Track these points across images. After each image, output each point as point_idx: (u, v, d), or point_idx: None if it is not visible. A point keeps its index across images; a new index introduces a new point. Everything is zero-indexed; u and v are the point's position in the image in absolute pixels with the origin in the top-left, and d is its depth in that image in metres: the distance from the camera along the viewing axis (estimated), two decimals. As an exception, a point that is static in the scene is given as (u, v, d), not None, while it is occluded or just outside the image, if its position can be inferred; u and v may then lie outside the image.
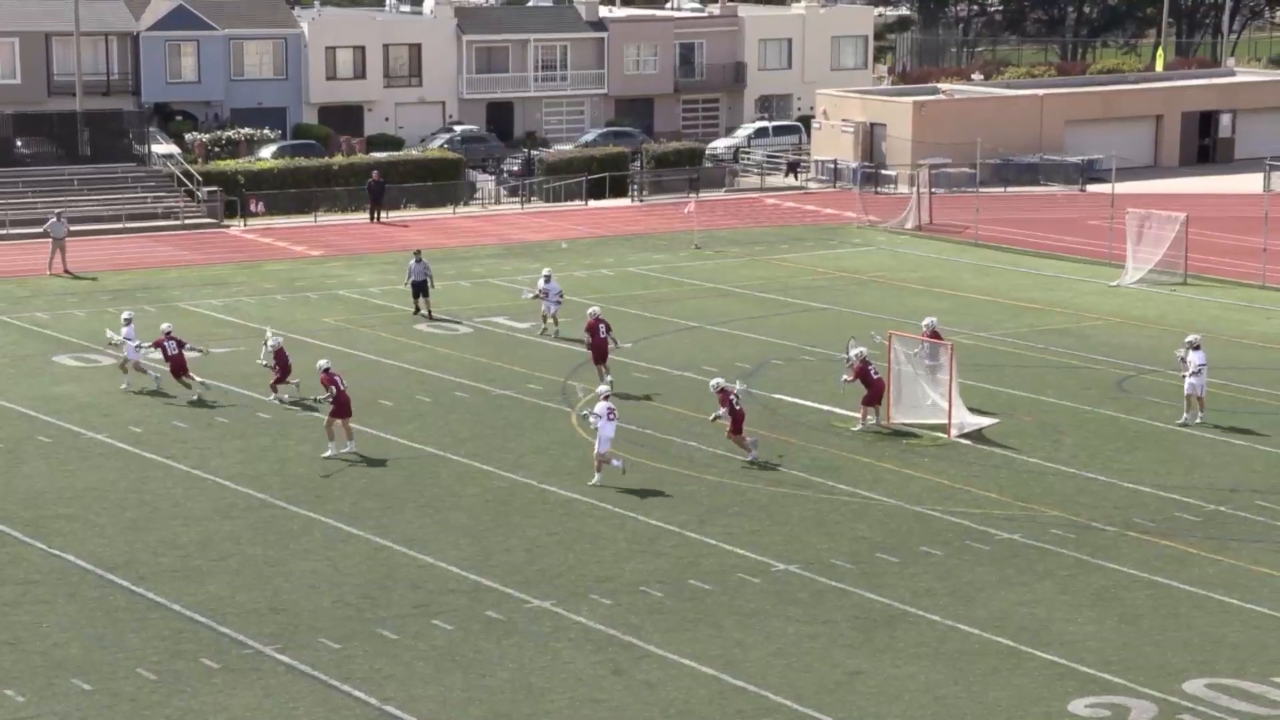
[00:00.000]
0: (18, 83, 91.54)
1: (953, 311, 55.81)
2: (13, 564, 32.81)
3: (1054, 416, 43.45)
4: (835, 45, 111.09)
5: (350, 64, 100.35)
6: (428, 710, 26.50)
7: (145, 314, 55.76)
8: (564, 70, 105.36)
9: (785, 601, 31.12)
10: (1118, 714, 26.55)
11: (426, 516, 35.65)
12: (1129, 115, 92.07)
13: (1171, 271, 61.39)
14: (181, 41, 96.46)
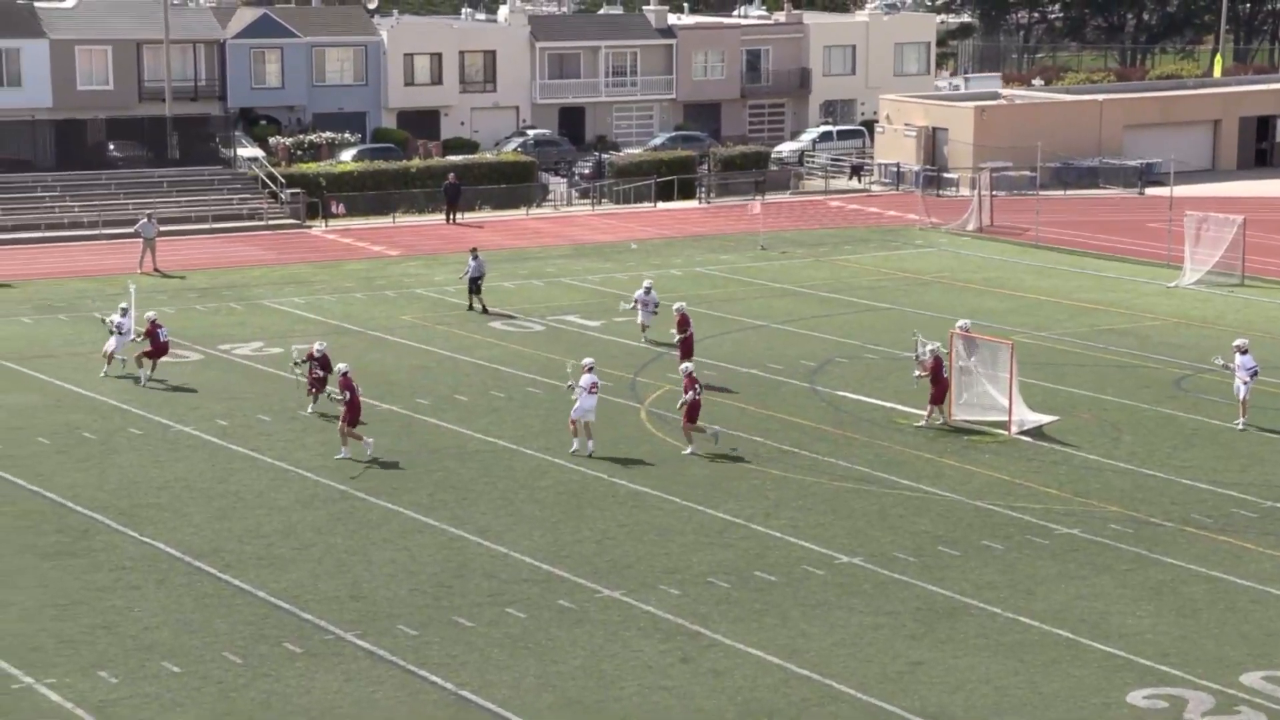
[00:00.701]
0: (110, 89, 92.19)
1: (1013, 312, 55.66)
2: (106, 551, 33.09)
3: (1113, 414, 43.26)
4: (898, 51, 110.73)
5: (427, 70, 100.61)
6: (501, 695, 26.59)
7: (232, 311, 56.20)
8: (634, 76, 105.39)
9: (849, 593, 31.09)
10: (1175, 705, 26.42)
11: (500, 508, 35.76)
12: (1187, 120, 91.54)
13: (1229, 273, 61.05)
14: (266, 49, 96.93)
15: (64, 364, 48.47)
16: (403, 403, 44.08)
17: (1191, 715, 26.07)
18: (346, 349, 50.19)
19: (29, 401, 44.36)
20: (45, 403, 44.24)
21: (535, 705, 26.27)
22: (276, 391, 44.94)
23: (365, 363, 48.35)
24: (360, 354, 49.63)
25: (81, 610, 30.07)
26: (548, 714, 25.96)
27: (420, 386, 45.89)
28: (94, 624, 29.42)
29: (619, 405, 43.63)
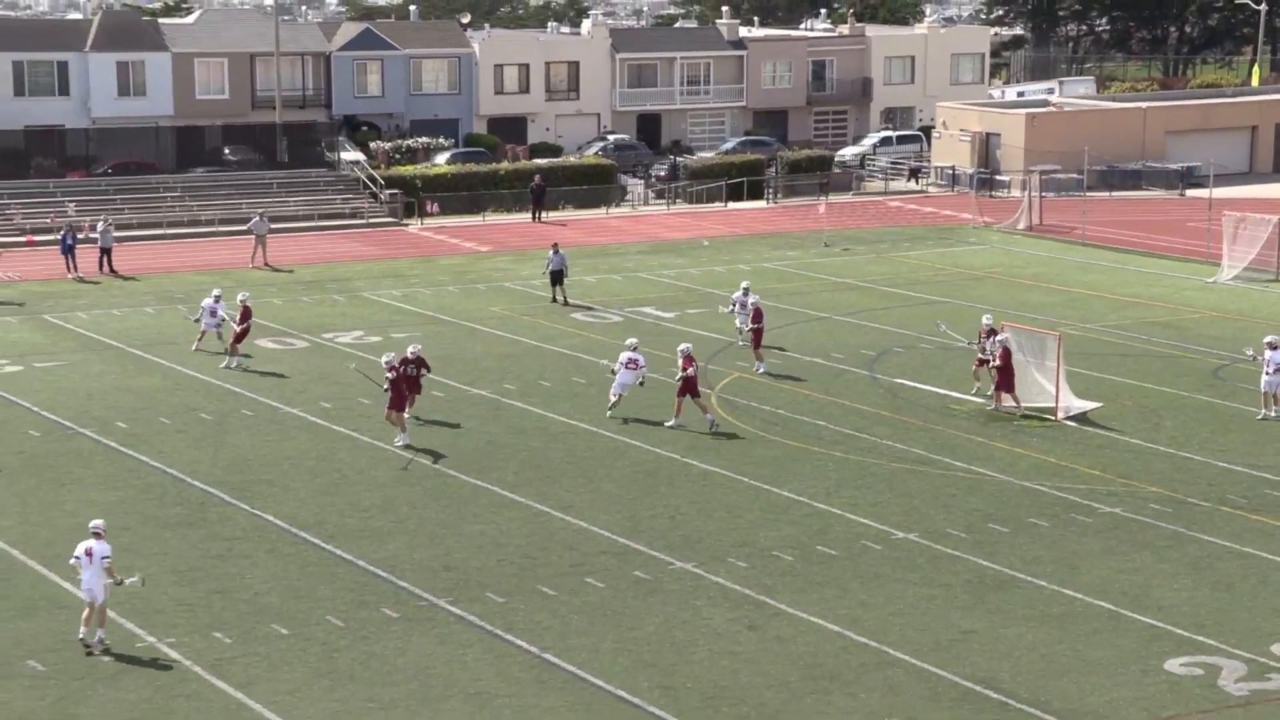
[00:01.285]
0: (226, 97, 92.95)
1: (1061, 305, 55.39)
2: (220, 523, 33.41)
3: (1153, 401, 42.99)
4: (954, 62, 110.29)
5: (516, 80, 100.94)
6: (581, 659, 26.70)
7: (335, 303, 56.55)
8: (707, 85, 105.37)
9: (905, 566, 31.05)
10: (1210, 673, 26.28)
11: (581, 486, 35.87)
12: (1226, 126, 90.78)
13: (1264, 269, 60.60)
14: (368, 60, 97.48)
15: (183, 351, 48.90)
16: (491, 388, 44.27)
17: (1225, 682, 25.93)
18: (440, 338, 50.52)
19: (152, 385, 44.81)
20: (166, 386, 44.68)
21: (612, 668, 26.38)
22: (376, 377, 45.14)
23: (458, 351, 48.65)
24: (453, 343, 49.91)
25: (199, 576, 30.39)
26: (623, 676, 26.05)
27: (508, 373, 46.07)
28: (210, 589, 29.72)
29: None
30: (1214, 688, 25.75)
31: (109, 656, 26.51)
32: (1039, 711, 24.90)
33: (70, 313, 54.78)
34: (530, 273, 62.03)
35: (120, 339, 50.63)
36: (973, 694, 25.50)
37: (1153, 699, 25.34)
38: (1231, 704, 25.21)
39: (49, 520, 33.55)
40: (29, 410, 42.07)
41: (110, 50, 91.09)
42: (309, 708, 24.95)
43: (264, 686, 25.64)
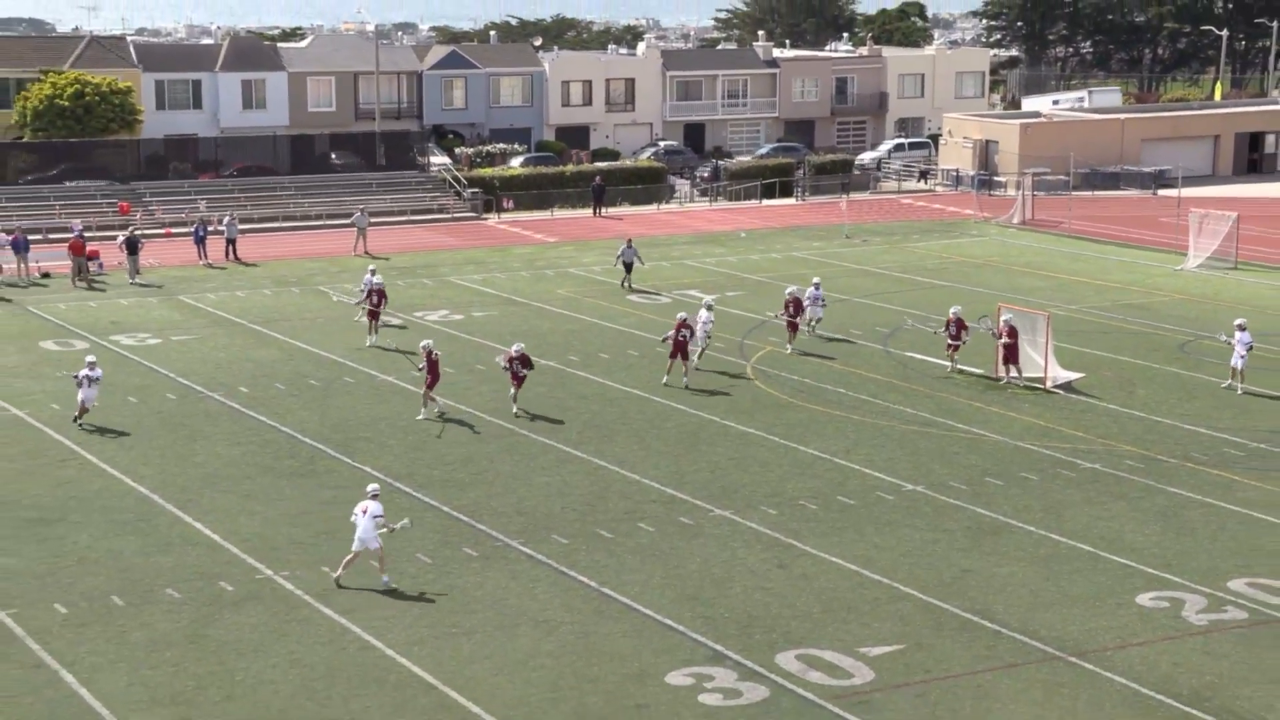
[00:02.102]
0: (333, 110, 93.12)
1: (1050, 289, 55.01)
2: (328, 473, 33.55)
3: (1129, 372, 42.68)
4: (959, 79, 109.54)
5: (580, 94, 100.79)
6: (634, 592, 26.71)
7: (424, 286, 56.66)
8: (745, 99, 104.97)
9: (913, 514, 30.94)
10: (1175, 605, 26.11)
11: (634, 443, 35.86)
12: (1193, 135, 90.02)
13: (1225, 259, 60.10)
14: (453, 78, 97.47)
15: (296, 326, 49.10)
16: (558, 359, 44.28)
17: (1188, 614, 25.77)
18: (514, 315, 50.57)
19: (269, 355, 45.00)
20: (281, 357, 44.86)
21: (660, 600, 26.38)
22: (458, 350, 45.30)
23: (529, 328, 48.68)
24: (525, 320, 49.94)
25: (309, 519, 30.52)
26: (670, 607, 26.05)
27: (571, 346, 46.07)
28: (318, 530, 29.85)
29: (730, 362, 43.57)
30: (1178, 618, 25.59)
31: (393, 592, 26.67)
32: (1027, 639, 24.78)
33: (201, 294, 55.05)
34: (593, 259, 62.01)
35: (243, 316, 50.85)
36: (971, 624, 25.41)
37: (1125, 628, 25.20)
38: (1194, 632, 25.05)
39: (183, 470, 33.76)
40: (167, 377, 42.33)
41: (236, 70, 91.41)
42: (400, 632, 25.04)
43: (362, 614, 25.74)
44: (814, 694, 22.84)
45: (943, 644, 24.60)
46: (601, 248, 65.66)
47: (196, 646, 24.48)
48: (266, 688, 23.09)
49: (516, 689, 23.04)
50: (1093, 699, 22.76)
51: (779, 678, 23.37)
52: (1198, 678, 23.43)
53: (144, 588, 26.88)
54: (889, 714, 22.24)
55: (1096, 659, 24.05)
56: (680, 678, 23.37)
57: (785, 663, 23.87)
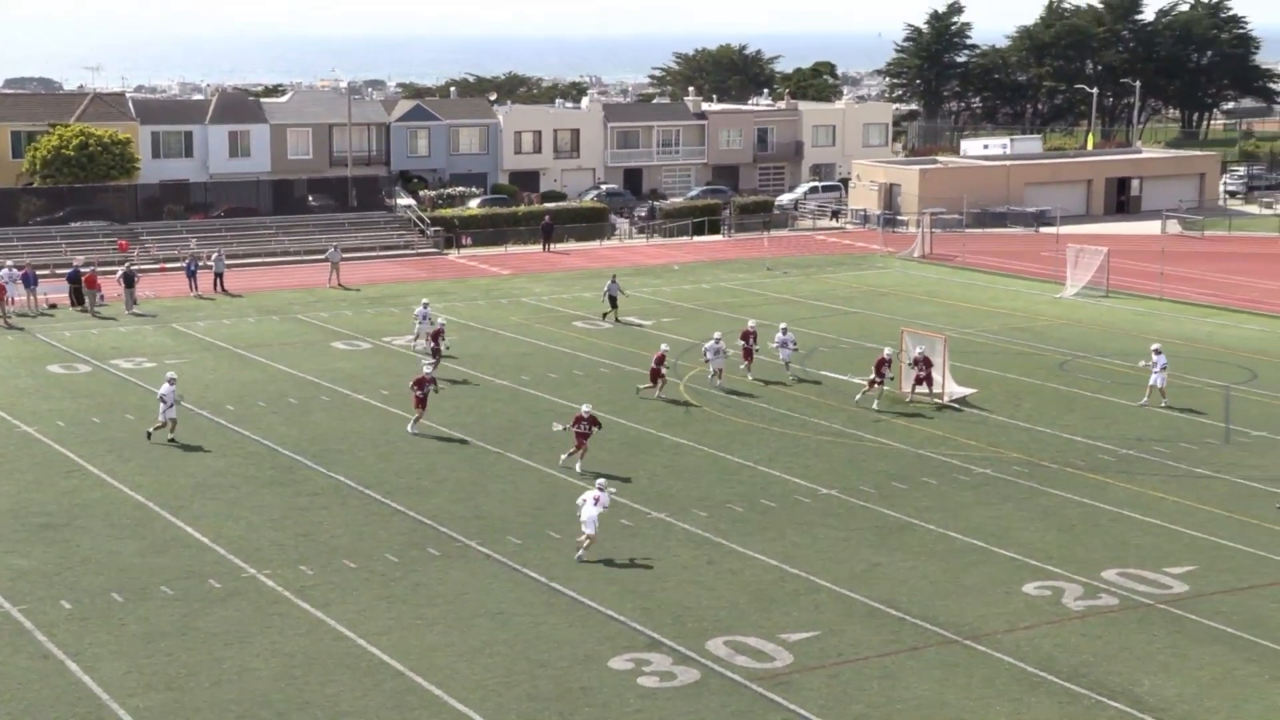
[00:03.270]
0: (310, 157, 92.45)
1: (946, 315, 55.31)
2: (305, 482, 33.28)
3: (1015, 388, 42.96)
4: (865, 129, 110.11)
5: (531, 142, 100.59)
6: (580, 586, 26.62)
7: (392, 314, 56.34)
8: (677, 146, 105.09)
9: (827, 515, 31.01)
10: (1056, 593, 26.28)
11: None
12: (1069, 179, 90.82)
13: (1098, 288, 60.59)
14: (418, 128, 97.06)
15: (276, 351, 48.71)
16: (511, 379, 44.15)
17: (1067, 600, 25.94)
18: (472, 340, 50.37)
19: (252, 377, 44.62)
20: (263, 378, 44.48)
21: (604, 592, 26.30)
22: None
23: (485, 350, 48.52)
24: (483, 345, 49.77)
25: (288, 523, 30.26)
26: (614, 599, 25.98)
27: (523, 368, 45.93)
28: (297, 533, 29.60)
29: (665, 382, 43.51)
30: (1059, 605, 25.76)
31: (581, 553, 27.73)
32: (928, 624, 24.86)
33: (192, 322, 54.52)
34: (543, 290, 61.88)
35: (229, 342, 50.40)
36: (878, 612, 25.47)
37: (1013, 614, 25.34)
38: (1072, 617, 25.22)
39: (176, 480, 33.40)
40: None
41: (224, 123, 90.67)
42: (371, 623, 24.85)
43: (337, 607, 25.54)
44: (740, 676, 22.83)
45: (853, 630, 24.64)
46: (550, 279, 65.55)
47: (187, 638, 24.20)
48: (250, 674, 22.86)
49: (475, 673, 22.91)
50: (985, 677, 22.87)
51: (709, 662, 23.34)
52: (1075, 657, 23.58)
53: (141, 585, 26.56)
54: (806, 693, 22.25)
55: (988, 641, 24.16)
56: (621, 662, 23.30)
57: (714, 648, 23.84)
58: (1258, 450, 36.14)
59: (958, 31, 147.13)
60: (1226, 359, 47.29)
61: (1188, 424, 38.70)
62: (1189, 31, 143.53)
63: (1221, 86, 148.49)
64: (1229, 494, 32.43)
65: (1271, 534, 29.63)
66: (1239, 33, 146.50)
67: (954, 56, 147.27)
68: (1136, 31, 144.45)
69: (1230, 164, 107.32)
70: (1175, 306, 57.89)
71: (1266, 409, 40.36)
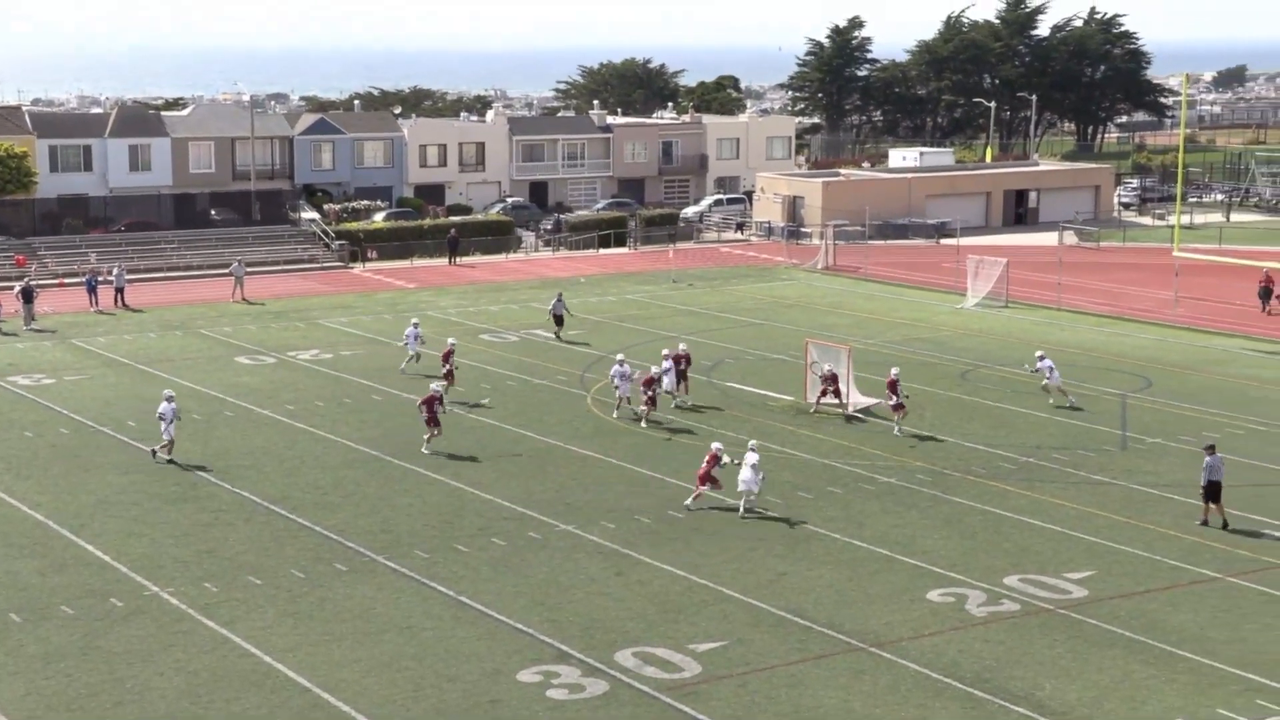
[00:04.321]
0: (213, 171, 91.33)
1: (850, 326, 55.81)
2: (209, 498, 32.82)
3: (919, 398, 43.39)
4: (769, 143, 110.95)
5: (436, 156, 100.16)
6: (487, 599, 26.50)
7: (296, 328, 55.74)
8: (583, 160, 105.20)
9: (734, 525, 31.13)
10: (959, 599, 26.59)
11: (488, 467, 35.63)
12: (969, 191, 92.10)
13: (998, 298, 61.43)
14: (322, 142, 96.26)
15: (179, 366, 48.01)
16: (418, 392, 43.77)
17: (970, 607, 26.25)
18: (378, 355, 49.99)
19: (154, 393, 43.72)
20: (165, 393, 43.78)
21: (512, 606, 26.20)
22: (328, 385, 44.69)
23: (392, 365, 48.14)
24: (388, 359, 49.39)
25: (192, 540, 29.82)
26: (521, 612, 25.88)
27: (431, 381, 45.55)
28: (201, 549, 29.18)
29: (572, 394, 43.53)
30: (963, 611, 26.06)
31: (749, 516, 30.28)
32: (834, 632, 25.04)
33: (92, 338, 53.56)
34: (449, 303, 61.58)
35: (131, 358, 49.58)
36: (785, 621, 25.61)
37: (918, 621, 25.60)
38: (975, 623, 25.53)
39: (76, 498, 32.79)
40: (60, 413, 41.10)
41: (124, 136, 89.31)
42: (277, 640, 24.54)
43: (243, 624, 25.19)
44: (649, 687, 22.84)
45: (761, 639, 24.75)
46: (457, 292, 65.25)
47: (88, 658, 23.74)
48: (153, 693, 22.46)
49: (383, 689, 22.71)
50: (890, 683, 23.07)
51: (618, 673, 23.33)
52: (979, 662, 23.88)
53: (40, 605, 26.01)
54: (714, 703, 22.31)
55: (894, 649, 24.39)
56: (530, 675, 23.22)
57: (623, 659, 23.83)
58: (1153, 456, 36.86)
59: (858, 46, 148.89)
60: (1122, 367, 48.22)
61: (1086, 431, 39.37)
62: (1083, 47, 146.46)
63: (1115, 100, 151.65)
64: (1125, 500, 33.04)
65: (1166, 538, 30.24)
66: (1130, 48, 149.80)
67: (855, 70, 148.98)
68: (1032, 47, 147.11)
69: (1124, 176, 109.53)
70: (1073, 316, 58.92)
71: (1160, 416, 41.21)
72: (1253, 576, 27.82)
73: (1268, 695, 22.58)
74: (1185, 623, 25.56)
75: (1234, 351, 51.30)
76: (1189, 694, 22.68)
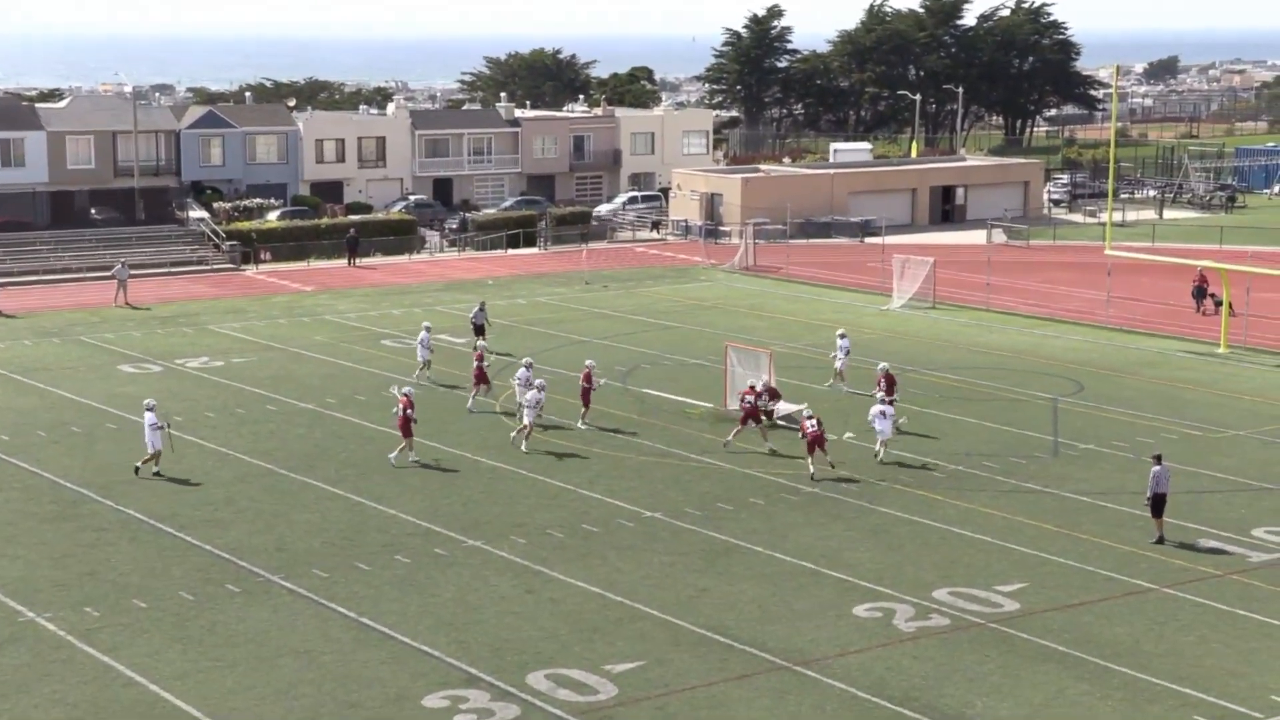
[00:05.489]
0: (93, 167, 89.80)
1: (770, 329, 56.07)
2: (91, 517, 32.30)
3: (843, 403, 43.70)
4: (685, 137, 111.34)
5: (334, 151, 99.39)
6: (391, 621, 26.31)
7: (185, 334, 55.05)
8: (489, 155, 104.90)
9: (651, 539, 31.16)
10: (887, 615, 26.79)
11: (391, 480, 35.40)
12: (893, 188, 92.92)
13: (924, 299, 62.00)
14: (211, 136, 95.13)
15: (56, 375, 47.20)
16: (315, 401, 43.49)
17: (899, 622, 26.46)
18: (273, 362, 49.50)
19: (30, 404, 43.16)
20: (43, 405, 43.08)
21: (417, 627, 26.04)
22: (219, 395, 44.19)
23: (287, 373, 47.72)
24: (283, 366, 48.94)
25: (71, 561, 29.33)
26: (426, 634, 25.73)
27: (329, 389, 45.29)
28: (81, 572, 28.70)
29: (480, 402, 43.29)
30: (890, 627, 26.26)
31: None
32: (757, 651, 25.14)
33: (-40, 345, 52.52)
34: (348, 307, 61.12)
35: (3, 367, 48.65)
36: (706, 639, 25.66)
37: (844, 637, 25.76)
38: (904, 639, 25.73)
39: (-58, 519, 32.07)
40: (-75, 427, 40.23)
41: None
42: (165, 668, 24.19)
43: (127, 651, 24.81)
44: (563, 710, 22.78)
45: (681, 659, 24.78)
46: (357, 295, 64.76)
47: (-41, 691, 23.24)
48: (31, 729, 22.04)
49: (279, 717, 22.45)
50: (816, 703, 23.20)
51: (530, 696, 23.25)
52: (907, 680, 24.07)
53: (-96, 636, 25.42)
54: (632, 726, 22.30)
55: (819, 667, 24.52)
56: (436, 700, 23.07)
57: (535, 682, 23.76)
58: (1085, 463, 37.39)
59: (777, 36, 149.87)
60: (1052, 370, 48.88)
61: (1016, 438, 39.86)
62: (1011, 37, 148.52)
63: (1044, 93, 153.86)
64: (1058, 509, 33.48)
65: (1100, 549, 30.67)
66: (1059, 38, 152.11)
67: (774, 61, 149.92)
68: (958, 37, 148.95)
69: (1054, 172, 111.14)
70: (1002, 317, 59.65)
71: (1093, 421, 41.81)
72: (1188, 587, 28.30)
73: (1204, 709, 22.98)
74: (1120, 635, 25.95)
75: (1168, 353, 52.21)
76: (1124, 710, 23.02)
